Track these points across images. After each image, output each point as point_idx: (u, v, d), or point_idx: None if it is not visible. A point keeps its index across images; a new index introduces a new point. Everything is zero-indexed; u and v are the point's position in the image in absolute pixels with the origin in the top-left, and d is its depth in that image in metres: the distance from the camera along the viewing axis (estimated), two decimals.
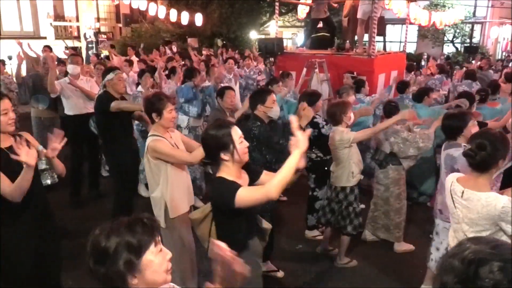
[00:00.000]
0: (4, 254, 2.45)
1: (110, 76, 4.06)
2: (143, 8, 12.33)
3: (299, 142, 1.95)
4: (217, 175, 2.18)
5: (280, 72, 6.19)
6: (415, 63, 10.60)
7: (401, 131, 3.95)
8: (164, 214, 2.95)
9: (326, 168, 3.97)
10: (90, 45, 15.10)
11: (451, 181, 2.35)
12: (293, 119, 2.05)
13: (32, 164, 2.21)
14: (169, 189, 2.92)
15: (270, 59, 7.59)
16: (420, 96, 5.11)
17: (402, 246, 4.21)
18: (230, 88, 4.54)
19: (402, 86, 6.05)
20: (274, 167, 3.34)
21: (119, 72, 4.19)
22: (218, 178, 2.15)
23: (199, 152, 2.80)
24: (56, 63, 6.16)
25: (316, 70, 6.39)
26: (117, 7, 18.74)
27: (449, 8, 16.90)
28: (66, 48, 11.05)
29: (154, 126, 2.99)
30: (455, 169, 2.92)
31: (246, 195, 2.01)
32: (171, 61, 8.34)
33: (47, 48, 8.94)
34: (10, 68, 12.73)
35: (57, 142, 2.48)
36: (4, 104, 2.36)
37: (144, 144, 5.11)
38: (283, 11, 17.02)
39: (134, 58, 9.66)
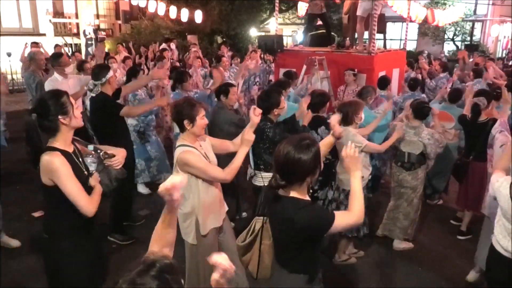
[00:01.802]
0: (64, 267, 2.29)
1: (110, 73, 4.00)
2: (142, 5, 12.29)
3: (355, 162, 1.99)
4: (290, 195, 1.98)
5: (284, 72, 6.11)
6: (414, 61, 10.57)
7: (434, 132, 3.94)
8: (194, 230, 2.79)
9: (334, 170, 3.94)
10: (89, 42, 15.04)
11: (508, 186, 2.32)
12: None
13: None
14: (201, 205, 2.77)
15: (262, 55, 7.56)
16: (456, 97, 5.16)
17: (401, 244, 4.20)
18: (232, 85, 4.50)
19: (413, 84, 6.11)
20: None
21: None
22: (297, 200, 1.96)
23: (233, 169, 2.69)
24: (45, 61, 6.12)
25: (316, 67, 6.36)
26: (117, 4, 18.67)
27: (449, 6, 16.85)
28: (65, 45, 10.93)
29: (183, 135, 2.76)
30: None
31: (341, 221, 1.93)
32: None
33: (35, 44, 8.91)
34: (9, 64, 12.72)
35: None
36: (71, 98, 2.23)
37: (142, 146, 5.22)
38: (283, 8, 16.97)
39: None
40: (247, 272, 2.37)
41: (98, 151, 2.37)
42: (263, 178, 3.47)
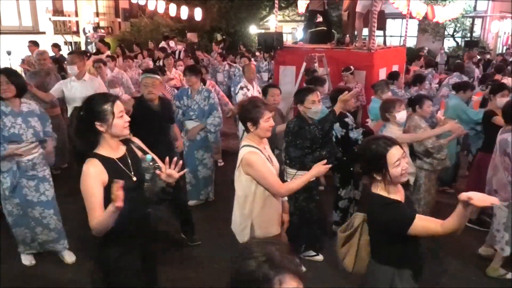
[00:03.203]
0: (110, 274, 2.25)
1: (140, 77, 4.08)
2: (142, 3, 12.30)
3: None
4: (374, 191, 2.13)
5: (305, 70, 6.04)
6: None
7: (419, 126, 3.88)
8: (249, 234, 2.71)
9: (351, 169, 3.94)
10: (89, 40, 15.05)
11: None
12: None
13: (121, 207, 1.91)
14: (259, 209, 2.67)
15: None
16: (460, 88, 5.33)
17: None
18: (274, 86, 4.45)
19: (416, 80, 6.39)
20: (307, 161, 3.39)
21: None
22: (380, 198, 2.09)
23: (290, 189, 2.63)
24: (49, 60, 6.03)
25: (316, 64, 6.36)
26: (116, 1, 18.68)
27: (449, 2, 16.82)
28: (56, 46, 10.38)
29: (248, 135, 2.68)
30: (506, 153, 3.27)
31: (421, 226, 1.98)
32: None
33: (32, 44, 8.69)
34: (9, 63, 12.71)
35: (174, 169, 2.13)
36: (118, 106, 2.12)
37: None
38: (282, 5, 16.95)
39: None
40: (342, 266, 2.41)
41: (154, 162, 2.24)
42: (288, 174, 3.53)
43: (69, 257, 3.75)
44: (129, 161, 2.20)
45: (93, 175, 2.04)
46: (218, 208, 4.80)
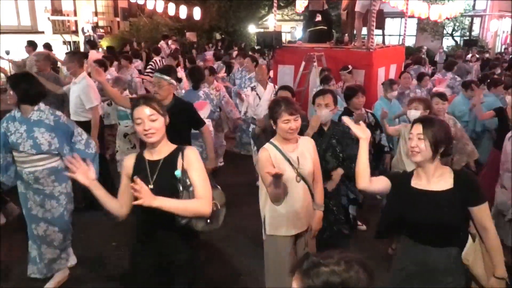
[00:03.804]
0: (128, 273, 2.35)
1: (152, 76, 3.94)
2: (141, 2, 12.28)
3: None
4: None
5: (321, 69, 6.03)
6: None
7: None
8: (263, 227, 2.74)
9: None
10: (87, 40, 15.05)
11: None
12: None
13: (87, 184, 2.03)
14: (269, 205, 2.66)
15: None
16: (463, 86, 5.54)
17: None
18: (285, 88, 4.30)
19: (416, 78, 6.60)
20: None
21: None
22: (402, 172, 2.40)
23: (269, 190, 2.53)
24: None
25: (315, 63, 6.36)
26: (115, 1, 18.66)
27: (448, 1, 16.83)
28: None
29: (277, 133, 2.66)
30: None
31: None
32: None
33: (28, 45, 8.57)
34: (9, 65, 12.68)
35: None
36: (137, 113, 2.07)
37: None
38: (281, 4, 16.96)
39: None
40: None
41: (185, 178, 2.11)
42: None
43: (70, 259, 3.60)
44: (158, 168, 2.11)
45: (124, 167, 2.23)
46: None
